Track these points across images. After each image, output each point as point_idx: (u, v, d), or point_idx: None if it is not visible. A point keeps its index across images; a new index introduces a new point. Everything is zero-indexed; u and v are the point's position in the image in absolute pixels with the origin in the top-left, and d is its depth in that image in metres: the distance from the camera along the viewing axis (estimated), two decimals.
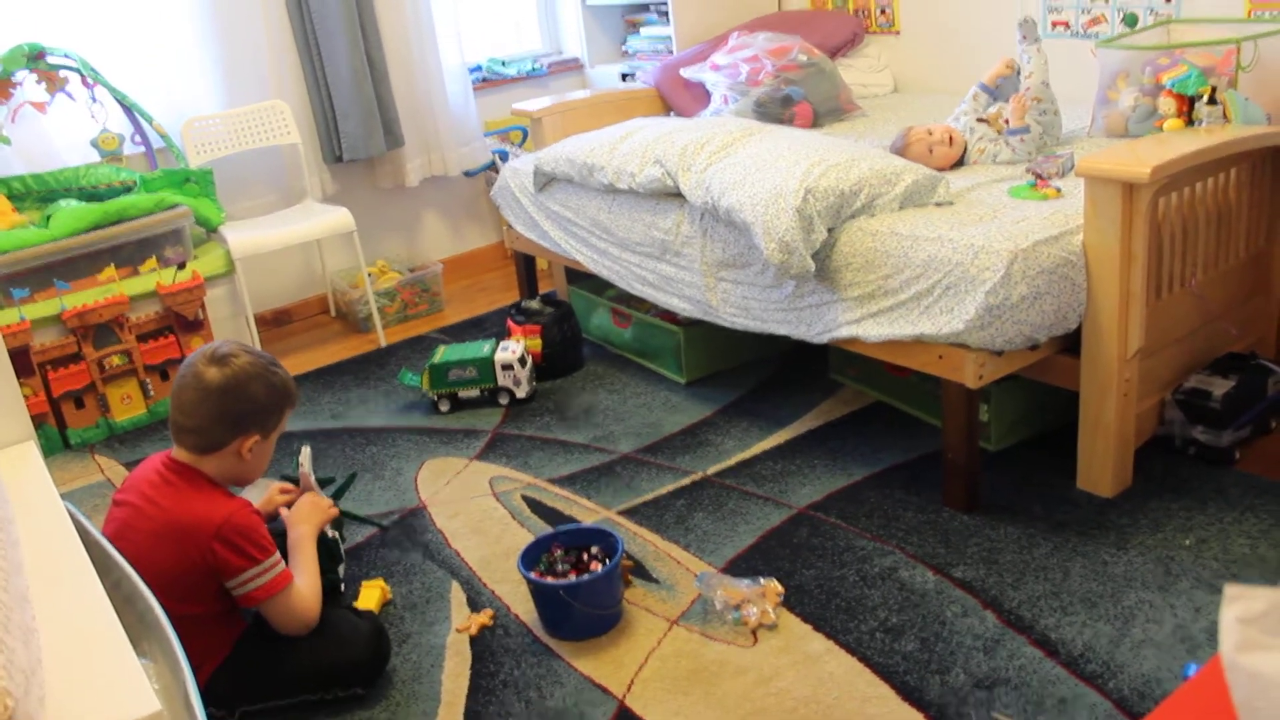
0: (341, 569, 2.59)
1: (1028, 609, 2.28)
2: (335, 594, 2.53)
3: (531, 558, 2.46)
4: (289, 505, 2.49)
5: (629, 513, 2.84)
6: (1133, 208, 2.44)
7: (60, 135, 4.04)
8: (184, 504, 2.11)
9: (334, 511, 2.48)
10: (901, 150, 3.26)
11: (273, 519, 2.50)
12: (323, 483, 2.64)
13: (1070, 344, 2.64)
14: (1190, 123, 3.00)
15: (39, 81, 3.88)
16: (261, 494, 2.53)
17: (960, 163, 3.30)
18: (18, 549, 1.60)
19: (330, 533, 2.51)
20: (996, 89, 3.46)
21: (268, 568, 2.12)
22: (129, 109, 4.07)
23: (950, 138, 3.26)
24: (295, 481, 2.58)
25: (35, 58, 3.81)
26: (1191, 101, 3.02)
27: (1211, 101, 2.93)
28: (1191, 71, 3.04)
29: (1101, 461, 2.65)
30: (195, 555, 2.07)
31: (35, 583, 1.55)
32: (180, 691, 1.56)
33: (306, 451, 2.60)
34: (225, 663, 2.16)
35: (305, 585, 2.22)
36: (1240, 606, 0.86)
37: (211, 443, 2.16)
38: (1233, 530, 2.47)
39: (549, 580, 2.36)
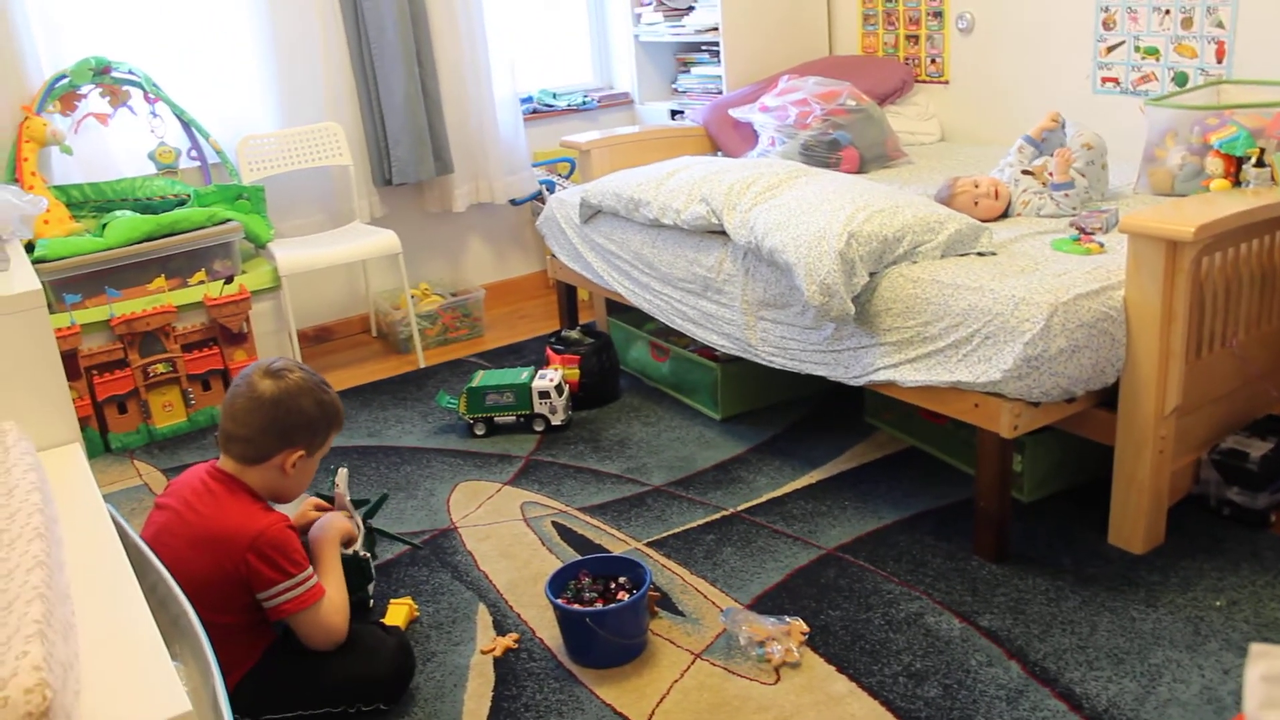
0: (371, 587, 2.62)
1: (1053, 661, 2.27)
2: (363, 610, 2.56)
3: (559, 584, 2.48)
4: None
5: (658, 545, 2.85)
6: (1176, 266, 2.44)
7: (120, 147, 4.13)
8: (222, 514, 2.15)
9: (352, 527, 2.51)
10: (947, 201, 3.27)
11: (304, 532, 2.54)
12: (357, 504, 2.67)
13: (1107, 398, 2.64)
14: (1237, 184, 3.00)
15: (103, 95, 3.98)
16: (297, 508, 2.56)
17: (1005, 214, 3.31)
18: (61, 548, 1.63)
19: (363, 553, 2.53)
20: (1042, 142, 3.48)
21: (300, 581, 2.15)
22: (187, 125, 4.16)
23: (996, 191, 3.27)
24: (330, 501, 2.61)
25: (101, 72, 3.91)
26: (1239, 163, 3.01)
27: (1260, 164, 2.93)
28: (1240, 133, 3.04)
29: (1134, 518, 2.64)
30: (229, 566, 2.10)
31: (75, 581, 1.59)
32: (209, 695, 1.58)
33: (343, 473, 2.64)
34: (252, 671, 2.18)
35: (334, 595, 2.25)
36: (1265, 665, 0.87)
37: (258, 453, 2.20)
38: (1265, 593, 2.45)
39: (575, 607, 2.38)
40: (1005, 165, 3.46)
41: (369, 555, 2.59)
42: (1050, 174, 3.30)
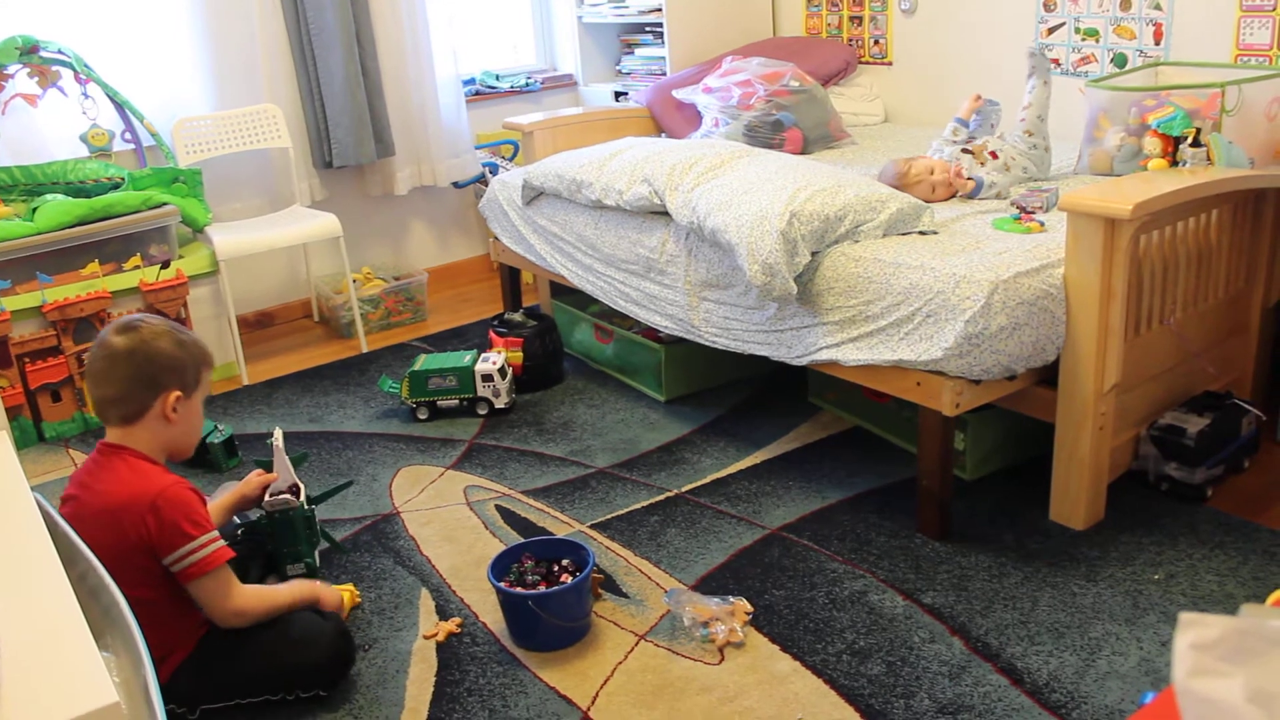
0: (317, 555, 2.60)
1: (995, 637, 2.29)
2: (310, 579, 2.55)
3: (502, 567, 2.46)
4: (265, 487, 2.54)
5: (602, 527, 2.84)
6: (1114, 243, 2.46)
7: (50, 129, 4.04)
8: (118, 483, 2.10)
9: (338, 598, 2.44)
10: (901, 189, 3.24)
11: (250, 506, 2.56)
12: (295, 461, 2.64)
13: (1048, 376, 2.66)
14: (1175, 163, 3.03)
15: (31, 75, 3.88)
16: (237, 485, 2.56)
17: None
18: None
19: (307, 506, 2.53)
20: (972, 122, 3.53)
21: (203, 544, 2.10)
22: (120, 106, 4.07)
23: (948, 175, 3.27)
24: (269, 467, 2.59)
25: (28, 51, 3.81)
26: (1176, 142, 3.04)
27: (1196, 143, 2.96)
28: (1177, 113, 3.07)
29: (1074, 494, 2.67)
30: (133, 533, 2.05)
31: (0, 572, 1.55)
32: (141, 686, 1.55)
33: (278, 433, 2.64)
34: (187, 660, 2.14)
35: (255, 590, 2.22)
36: (1194, 633, 0.87)
37: (134, 409, 2.14)
38: (1202, 567, 2.48)
39: (518, 590, 2.36)
40: (940, 145, 3.48)
41: (314, 511, 2.58)
42: (991, 154, 3.32)
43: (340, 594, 2.43)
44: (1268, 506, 2.73)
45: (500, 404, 3.57)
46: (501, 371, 3.56)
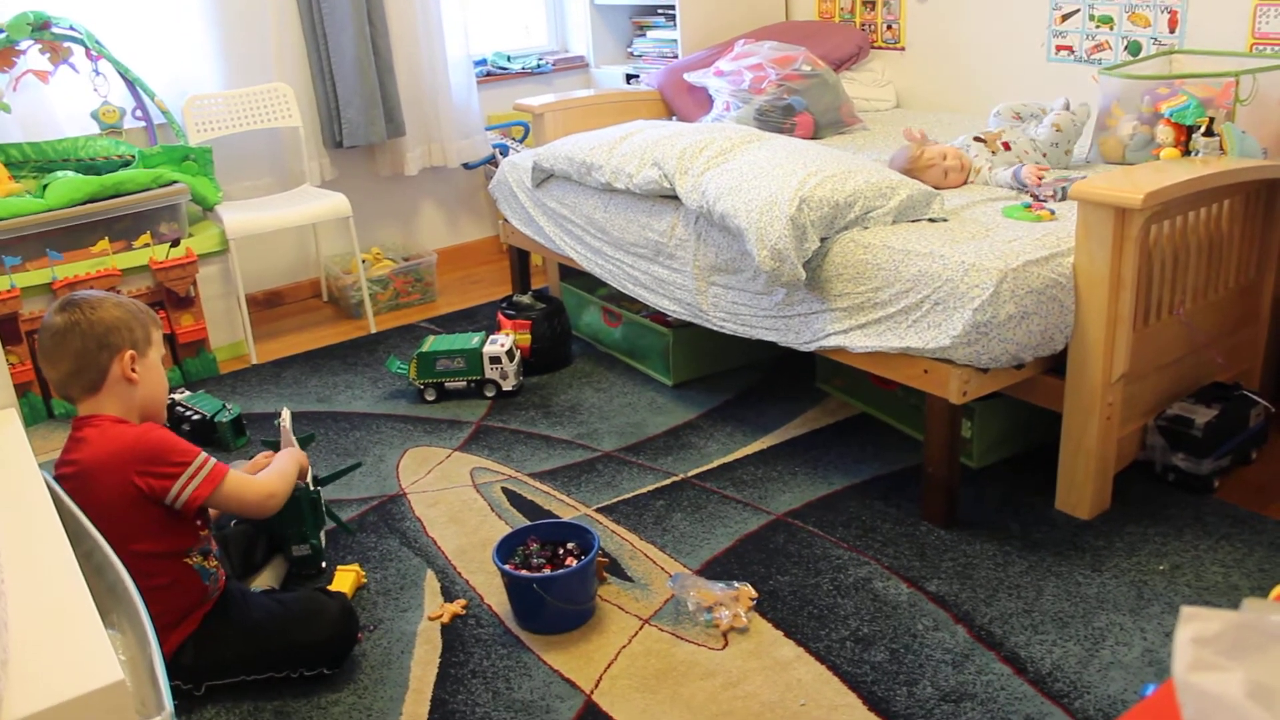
0: (323, 536, 2.62)
1: (999, 626, 2.29)
2: (316, 560, 2.60)
3: (507, 550, 2.46)
4: None
5: (607, 510, 2.84)
6: (1124, 233, 2.45)
7: (61, 106, 4.04)
8: (95, 450, 2.10)
9: (307, 461, 2.55)
10: (911, 171, 3.22)
11: None
12: (301, 442, 2.66)
13: (1056, 365, 2.65)
14: (1187, 153, 3.01)
15: (43, 51, 3.88)
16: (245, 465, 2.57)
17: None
18: None
19: (312, 487, 2.54)
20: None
21: (196, 469, 2.12)
22: (131, 83, 4.07)
23: (962, 163, 3.26)
24: (277, 447, 2.61)
25: (40, 27, 3.81)
26: (1189, 132, 3.03)
27: (1209, 133, 2.94)
28: (1190, 102, 3.05)
29: (1081, 483, 2.66)
30: (123, 488, 2.06)
31: (7, 548, 1.55)
32: (146, 663, 1.56)
33: (286, 413, 2.66)
34: (192, 636, 2.16)
35: (265, 473, 2.33)
36: (1195, 627, 0.87)
37: (93, 376, 2.15)
38: (1207, 558, 2.48)
39: (523, 573, 2.36)
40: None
41: (320, 492, 2.60)
42: (1003, 143, 3.31)
43: (305, 459, 2.54)
44: (1275, 498, 2.72)
45: (508, 386, 3.58)
46: (509, 354, 3.56)
